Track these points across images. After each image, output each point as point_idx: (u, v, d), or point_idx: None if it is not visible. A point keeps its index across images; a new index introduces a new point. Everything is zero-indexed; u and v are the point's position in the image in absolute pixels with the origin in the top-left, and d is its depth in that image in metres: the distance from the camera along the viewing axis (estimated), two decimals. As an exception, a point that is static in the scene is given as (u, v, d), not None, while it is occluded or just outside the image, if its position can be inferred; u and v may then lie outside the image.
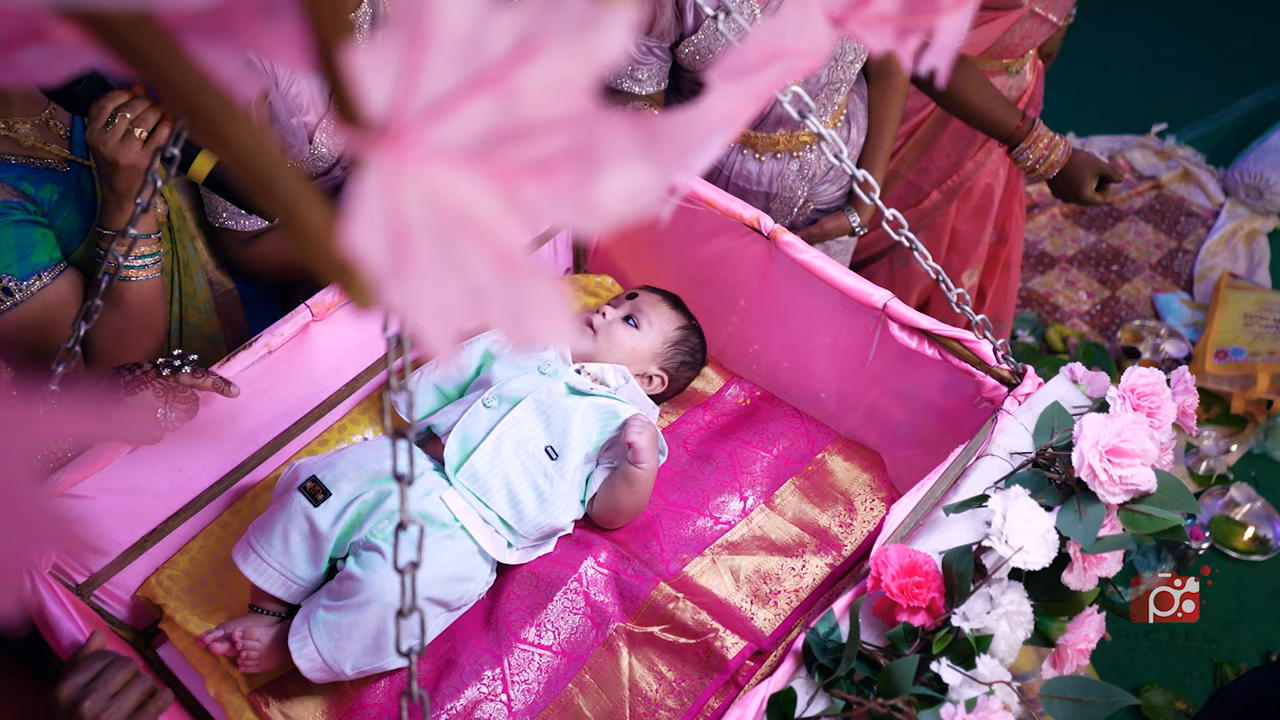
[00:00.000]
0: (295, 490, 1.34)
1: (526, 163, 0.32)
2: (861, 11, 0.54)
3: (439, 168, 0.31)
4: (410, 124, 0.31)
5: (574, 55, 0.31)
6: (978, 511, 1.22)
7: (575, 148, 0.32)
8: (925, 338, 1.42)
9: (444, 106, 0.31)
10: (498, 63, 0.30)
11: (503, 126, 0.31)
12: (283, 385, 1.43)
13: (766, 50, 0.51)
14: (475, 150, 0.32)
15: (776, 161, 1.77)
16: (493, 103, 0.31)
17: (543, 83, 0.31)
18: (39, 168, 1.31)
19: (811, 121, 1.07)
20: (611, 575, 1.43)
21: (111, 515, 1.31)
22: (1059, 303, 2.99)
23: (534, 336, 0.33)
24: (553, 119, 0.32)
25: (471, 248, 0.32)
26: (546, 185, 0.32)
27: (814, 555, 1.47)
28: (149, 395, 1.24)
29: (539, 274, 0.33)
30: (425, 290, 0.31)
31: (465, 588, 1.35)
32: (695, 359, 1.65)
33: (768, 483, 1.55)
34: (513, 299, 0.33)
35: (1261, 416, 2.65)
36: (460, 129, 0.31)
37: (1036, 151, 1.90)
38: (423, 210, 0.31)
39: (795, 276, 1.52)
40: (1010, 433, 1.31)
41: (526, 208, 0.33)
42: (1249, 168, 3.19)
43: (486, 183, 0.32)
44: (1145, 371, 1.22)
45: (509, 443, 1.41)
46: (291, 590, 1.33)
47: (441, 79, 0.30)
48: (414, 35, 0.29)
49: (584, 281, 1.82)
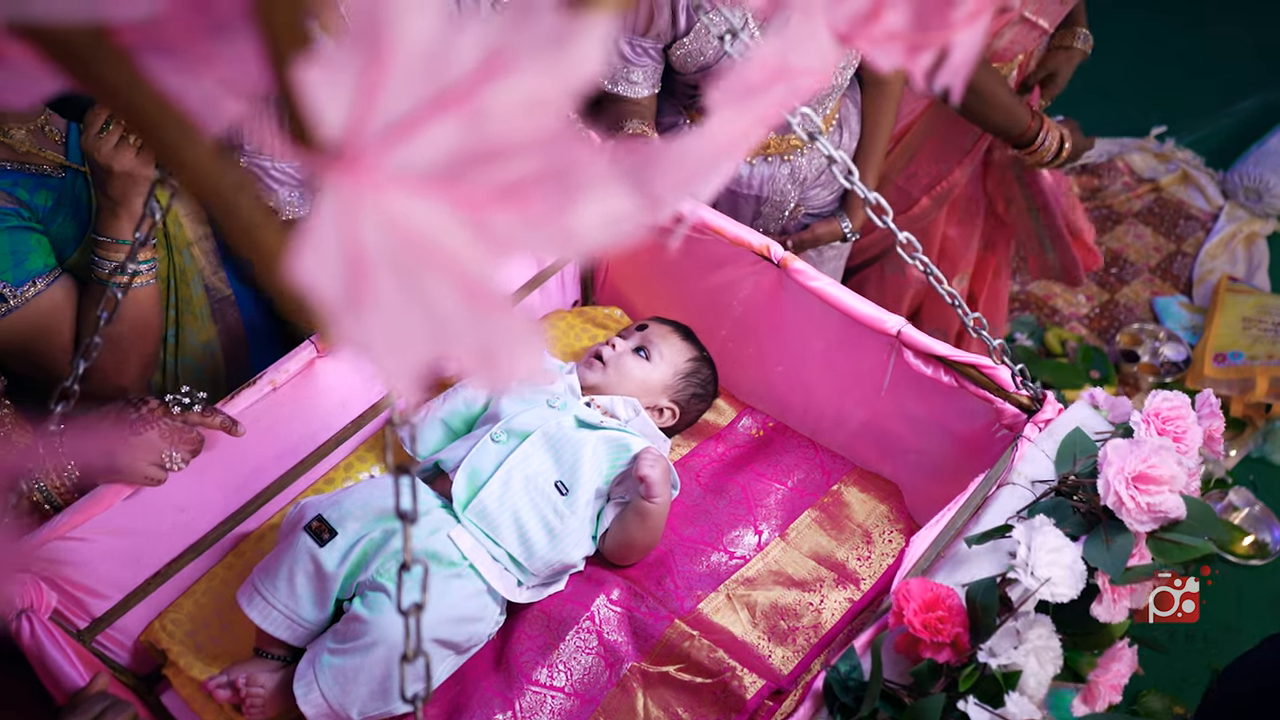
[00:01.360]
0: (300, 530, 1.32)
1: (496, 187, 0.30)
2: (870, 28, 0.52)
3: (400, 193, 0.29)
4: (369, 146, 0.28)
5: (547, 72, 0.28)
6: (1000, 542, 1.18)
7: (549, 171, 0.30)
8: (941, 364, 1.39)
9: (406, 127, 0.28)
10: (464, 80, 0.28)
11: (470, 149, 0.29)
12: (287, 423, 1.41)
13: (770, 70, 0.49)
14: (440, 174, 0.29)
15: (767, 165, 1.75)
16: (459, 123, 0.29)
17: (513, 101, 0.29)
18: (34, 174, 1.31)
19: (823, 144, 1.05)
20: (624, 613, 1.39)
21: (113, 558, 1.29)
22: (1058, 306, 2.98)
23: (504, 374, 0.31)
24: (524, 140, 0.29)
25: (436, 279, 0.30)
26: (518, 211, 0.30)
27: (832, 590, 1.43)
28: (154, 436, 1.23)
29: (509, 307, 0.31)
30: (384, 325, 0.29)
31: (474, 628, 1.32)
32: (707, 390, 1.62)
33: (783, 516, 1.52)
34: (481, 334, 0.30)
35: (1260, 420, 2.63)
36: (424, 152, 0.29)
37: (1053, 139, 1.89)
38: (382, 239, 0.29)
39: (806, 304, 1.49)
40: (1031, 460, 1.27)
41: (497, 236, 0.30)
42: (1248, 170, 3.18)
43: (453, 209, 0.29)
44: (1169, 395, 1.19)
45: (518, 478, 1.39)
46: (297, 633, 1.30)
47: (403, 98, 0.28)
48: (372, 50, 0.27)
49: (592, 313, 1.80)
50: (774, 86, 0.50)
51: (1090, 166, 3.30)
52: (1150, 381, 2.74)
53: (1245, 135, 3.33)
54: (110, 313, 1.05)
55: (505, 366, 0.31)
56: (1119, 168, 3.30)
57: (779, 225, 1.87)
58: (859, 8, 0.51)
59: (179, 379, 1.52)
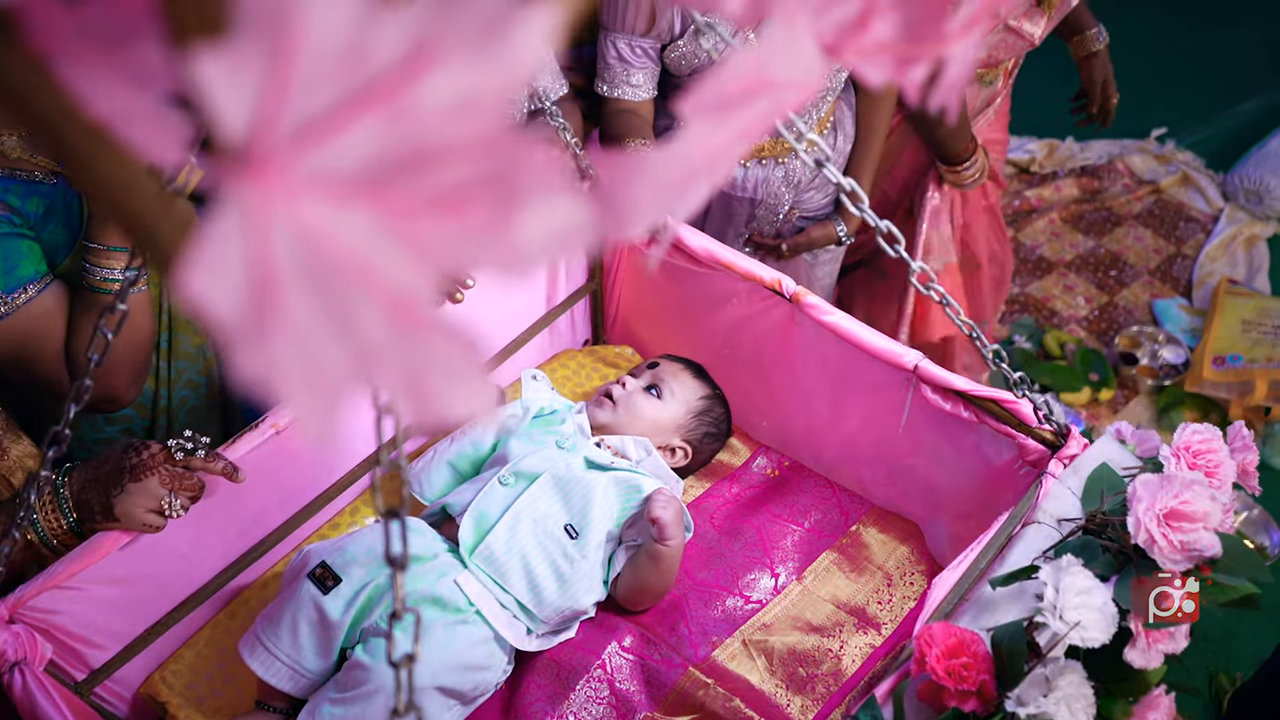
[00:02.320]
0: (304, 577, 1.28)
1: (428, 195, 0.27)
2: (858, 40, 0.49)
3: (316, 201, 0.26)
4: (278, 149, 0.25)
5: (480, 66, 0.25)
6: (1027, 585, 1.13)
7: (488, 177, 0.27)
8: (960, 400, 1.35)
9: (321, 128, 0.26)
10: (386, 75, 0.25)
11: (397, 152, 0.26)
12: (291, 467, 1.38)
13: (749, 81, 0.46)
14: (363, 180, 0.26)
15: (762, 168, 1.73)
16: (383, 123, 0.26)
17: (443, 99, 0.26)
18: (25, 180, 1.30)
19: (832, 172, 1.01)
20: (637, 661, 1.34)
21: (111, 607, 1.26)
22: (1056, 308, 2.96)
23: (437, 405, 0.27)
24: (459, 143, 0.26)
25: (359, 298, 0.27)
26: (454, 221, 0.27)
27: (852, 635, 1.38)
28: (154, 483, 1.20)
29: (446, 330, 0.28)
30: (295, 349, 0.26)
31: (480, 677, 1.27)
32: (720, 430, 1.58)
33: (800, 558, 1.47)
34: (412, 360, 0.27)
35: (1259, 423, 2.60)
36: (344, 155, 0.26)
37: (978, 167, 1.95)
38: (294, 252, 0.26)
39: (820, 340, 1.46)
40: (1057, 498, 1.22)
41: (431, 248, 0.27)
42: (1249, 173, 3.15)
43: (379, 219, 0.26)
44: (1199, 428, 1.14)
45: (526, 521, 1.35)
46: (300, 685, 1.26)
47: (316, 94, 0.25)
48: (276, 40, 0.24)
49: (603, 352, 1.77)
50: (755, 98, 0.47)
51: (1090, 168, 3.29)
52: (1149, 384, 2.73)
53: (1246, 137, 3.30)
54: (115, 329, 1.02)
55: (438, 396, 0.27)
56: (1119, 169, 3.29)
57: (773, 228, 1.85)
58: (846, 17, 0.48)
59: (171, 383, 1.49)
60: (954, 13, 0.48)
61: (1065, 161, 3.31)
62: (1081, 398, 2.70)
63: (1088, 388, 2.70)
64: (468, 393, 0.28)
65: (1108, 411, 2.70)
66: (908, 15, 0.48)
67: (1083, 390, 2.69)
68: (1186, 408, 2.66)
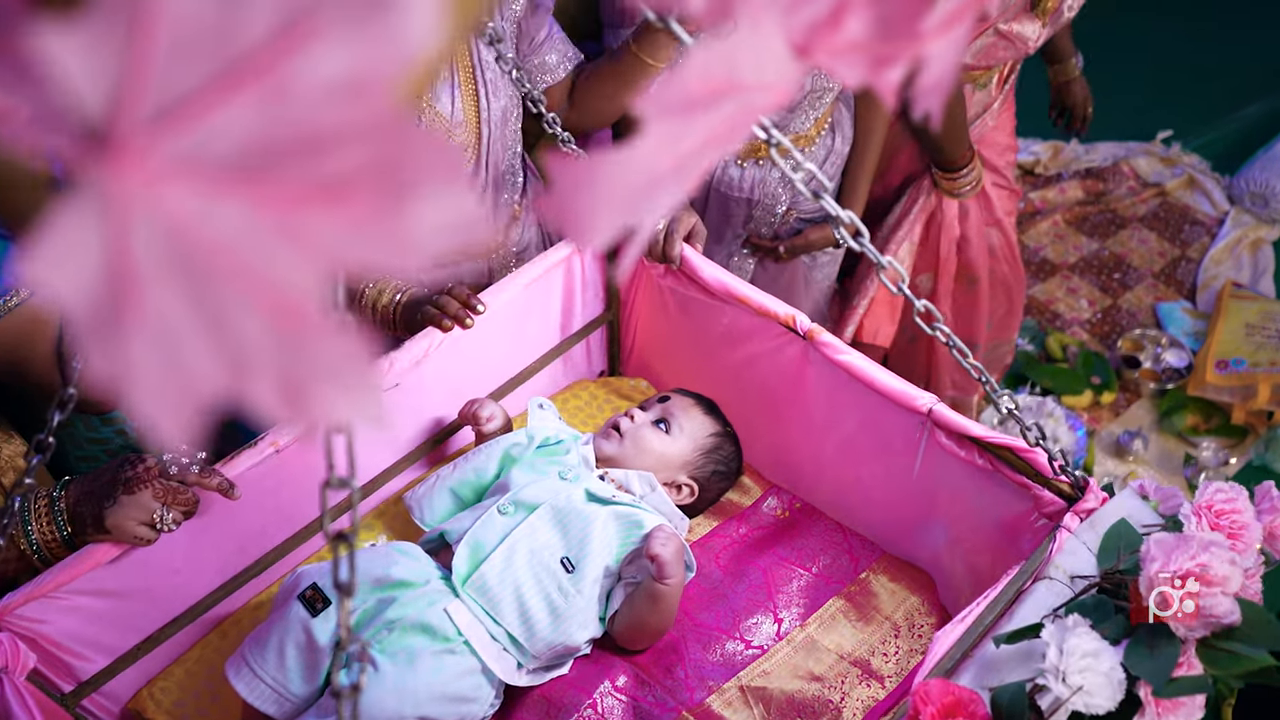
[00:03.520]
0: (294, 599, 1.27)
1: (310, 184, 0.25)
2: (830, 39, 0.47)
3: (185, 190, 0.24)
4: (138, 131, 0.23)
5: (361, 44, 0.23)
6: (1035, 644, 1.07)
7: (374, 166, 0.25)
8: (975, 446, 1.31)
9: (188, 109, 0.24)
10: (259, 52, 0.23)
11: (273, 137, 0.24)
12: (289, 487, 1.36)
13: (715, 83, 0.44)
14: (238, 167, 0.24)
15: (759, 168, 1.71)
16: (256, 106, 0.24)
17: (324, 80, 0.24)
18: None
19: (829, 204, 0.98)
20: (630, 702, 1.30)
21: (102, 620, 1.24)
22: (1059, 310, 2.92)
23: (315, 414, 0.25)
24: (342, 129, 0.24)
25: (235, 297, 0.24)
26: (339, 213, 0.25)
27: (855, 687, 1.33)
28: (146, 496, 1.19)
29: (331, 332, 0.25)
30: (154, 350, 0.24)
31: (465, 709, 1.24)
32: (729, 469, 1.54)
33: (806, 604, 1.42)
34: (291, 365, 0.25)
35: (1262, 428, 2.57)
36: (214, 139, 0.24)
37: (972, 175, 1.93)
38: (159, 246, 0.24)
39: (834, 379, 1.42)
40: (1072, 553, 1.17)
41: (313, 242, 0.25)
42: (1255, 176, 3.11)
43: (254, 209, 0.24)
44: (1223, 486, 1.09)
45: (522, 552, 1.32)
46: (284, 709, 1.24)
47: (181, 72, 0.23)
48: (135, 13, 0.22)
49: (617, 384, 1.74)
50: (722, 101, 0.45)
51: (1095, 170, 3.25)
52: (1151, 388, 2.68)
53: (1252, 140, 3.26)
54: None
55: (318, 402, 0.25)
56: (1124, 172, 3.25)
57: (771, 229, 1.82)
58: (817, 16, 0.46)
59: None
60: (931, 10, 0.46)
61: (1070, 164, 3.28)
62: (1083, 401, 2.66)
63: (1089, 391, 2.68)
64: (351, 399, 0.26)
65: (1109, 415, 2.67)
66: (882, 13, 0.46)
67: (1084, 393, 2.67)
68: (1189, 412, 2.63)
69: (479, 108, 1.57)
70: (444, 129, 1.55)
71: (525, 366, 1.63)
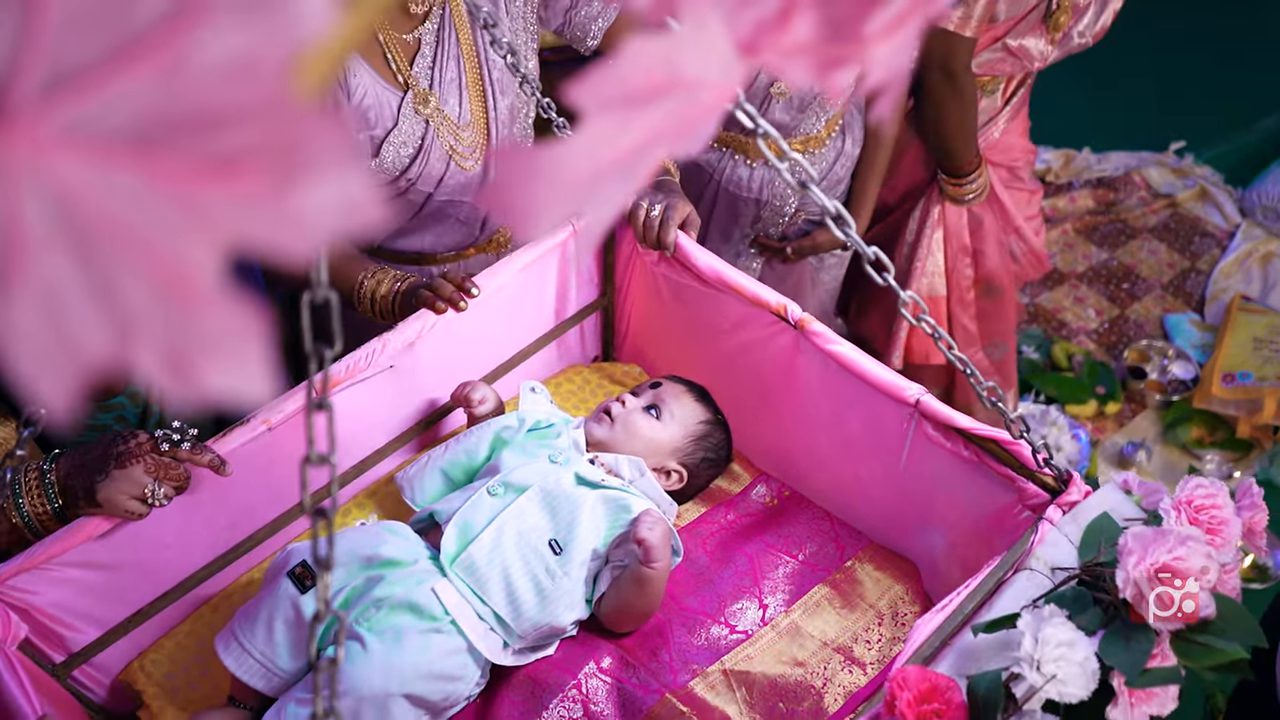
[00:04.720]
0: (284, 575, 1.28)
1: (202, 160, 0.25)
2: (777, 39, 0.47)
3: (77, 160, 0.25)
4: (30, 101, 0.24)
5: (257, 24, 0.24)
6: (1013, 634, 1.08)
7: (267, 145, 0.25)
8: (961, 438, 1.31)
9: (82, 82, 0.24)
10: (153, 28, 0.24)
11: (167, 112, 0.25)
12: (282, 464, 1.37)
13: (657, 79, 0.44)
14: (129, 140, 0.25)
15: (768, 169, 1.71)
16: (151, 81, 0.25)
17: (218, 58, 0.25)
18: None
19: (817, 194, 0.99)
20: (614, 684, 1.31)
21: (93, 592, 1.26)
22: (1066, 319, 2.92)
23: (200, 383, 0.26)
24: (236, 107, 0.25)
25: (124, 266, 0.25)
26: (230, 189, 0.26)
27: (837, 673, 1.34)
28: (138, 470, 1.21)
29: (222, 303, 0.26)
30: (39, 313, 0.24)
31: (450, 688, 1.26)
32: (718, 456, 1.55)
33: (791, 590, 1.43)
34: (177, 334, 0.26)
35: (1268, 442, 2.57)
36: (108, 112, 0.25)
37: (979, 183, 1.92)
38: (48, 213, 0.25)
39: (824, 369, 1.43)
40: (1053, 545, 1.17)
41: (205, 217, 0.26)
42: (1268, 189, 3.11)
43: (148, 183, 0.25)
44: (1203, 481, 1.09)
45: (510, 534, 1.33)
46: (273, 683, 1.26)
47: (75, 46, 0.24)
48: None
49: (611, 370, 1.75)
50: (664, 97, 0.45)
51: (1106, 180, 3.25)
52: (1157, 399, 2.68)
53: (1265, 153, 3.26)
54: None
55: (203, 374, 0.26)
56: (1135, 182, 3.25)
57: (779, 230, 1.82)
58: (764, 15, 0.46)
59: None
60: (878, 11, 0.46)
61: (1081, 172, 3.27)
62: (1087, 410, 2.66)
63: (1094, 400, 2.67)
64: (236, 372, 0.26)
65: (1113, 425, 2.67)
66: (830, 14, 0.46)
67: (1089, 403, 2.66)
68: (1194, 424, 2.62)
69: (486, 107, 1.58)
70: (451, 131, 1.55)
71: (519, 350, 1.64)
